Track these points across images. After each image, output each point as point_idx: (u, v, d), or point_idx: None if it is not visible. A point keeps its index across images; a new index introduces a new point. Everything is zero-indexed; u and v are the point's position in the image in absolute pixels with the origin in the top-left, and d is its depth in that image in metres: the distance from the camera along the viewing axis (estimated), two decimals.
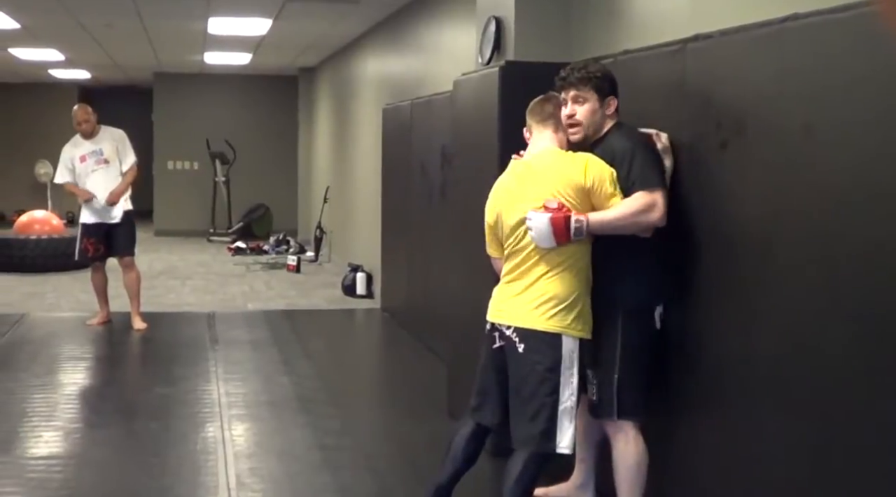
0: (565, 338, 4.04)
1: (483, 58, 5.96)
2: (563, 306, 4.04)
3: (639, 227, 4.00)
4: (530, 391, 4.06)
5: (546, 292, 4.05)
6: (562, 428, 4.05)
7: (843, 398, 3.16)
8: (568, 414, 4.05)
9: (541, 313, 4.05)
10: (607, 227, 4.00)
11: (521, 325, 4.10)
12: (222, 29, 12.31)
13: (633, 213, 3.97)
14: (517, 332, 4.11)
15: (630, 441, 4.18)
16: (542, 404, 4.04)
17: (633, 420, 4.19)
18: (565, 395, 4.04)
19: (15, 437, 5.97)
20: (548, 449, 4.06)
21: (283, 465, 5.44)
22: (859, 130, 3.09)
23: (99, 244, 9.10)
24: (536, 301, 4.06)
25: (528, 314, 4.07)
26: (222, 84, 19.27)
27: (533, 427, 4.06)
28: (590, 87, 4.20)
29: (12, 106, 21.28)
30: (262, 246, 16.12)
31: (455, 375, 6.11)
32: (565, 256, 4.04)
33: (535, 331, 4.05)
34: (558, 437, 4.05)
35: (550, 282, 4.05)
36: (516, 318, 4.12)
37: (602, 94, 4.21)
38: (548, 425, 4.04)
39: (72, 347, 8.69)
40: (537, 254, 4.07)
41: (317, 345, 8.86)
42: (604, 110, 4.22)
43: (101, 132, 9.12)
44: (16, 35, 12.81)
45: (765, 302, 3.56)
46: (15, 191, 20.97)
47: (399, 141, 9.42)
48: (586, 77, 4.21)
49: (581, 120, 4.20)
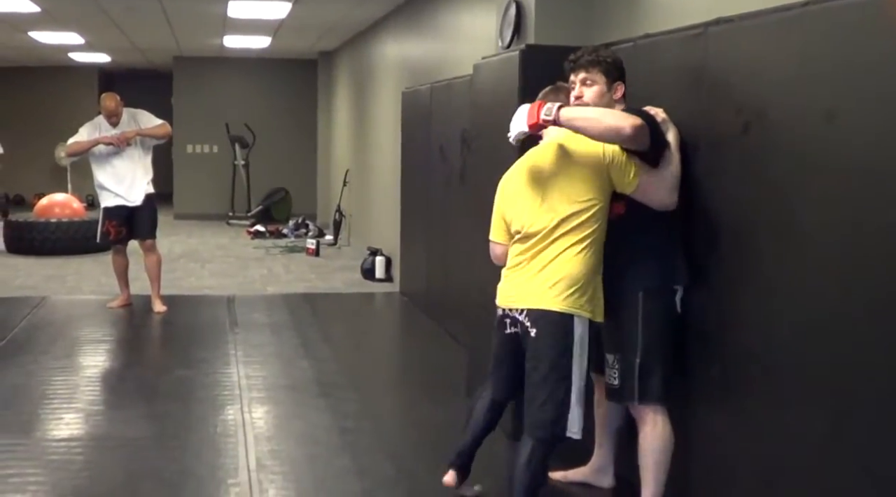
0: (577, 319, 4.07)
1: (503, 41, 5.94)
2: (576, 287, 4.06)
3: (609, 127, 3.94)
4: (543, 376, 4.10)
5: (559, 273, 4.07)
6: (573, 413, 4.08)
7: (864, 384, 3.16)
8: (579, 398, 4.09)
9: (554, 294, 4.07)
10: (578, 117, 4.00)
11: (533, 307, 4.13)
12: (242, 12, 12.31)
13: (610, 112, 4.02)
14: (529, 316, 4.14)
15: (658, 426, 4.18)
16: (553, 389, 4.07)
17: (656, 404, 4.18)
18: (576, 379, 4.08)
19: (36, 419, 6.01)
20: (557, 434, 4.10)
21: (302, 447, 5.47)
22: (881, 115, 3.07)
23: (121, 227, 9.14)
24: (550, 281, 4.08)
25: (541, 295, 4.10)
26: (242, 68, 19.28)
27: (543, 412, 4.09)
28: (599, 70, 4.26)
29: (32, 90, 21.31)
30: (282, 229, 16.18)
31: (474, 358, 6.11)
32: (582, 235, 4.06)
33: (548, 311, 4.09)
34: (570, 422, 4.08)
35: (564, 263, 4.07)
36: (529, 299, 4.15)
37: (611, 78, 4.27)
38: (559, 411, 4.07)
39: (92, 330, 8.74)
40: (553, 234, 4.10)
41: (336, 328, 8.89)
42: (611, 95, 4.27)
43: (124, 116, 9.11)
44: (36, 18, 12.83)
45: (786, 287, 3.55)
46: (35, 174, 21.02)
47: (418, 125, 9.42)
48: (596, 60, 4.27)
49: (588, 102, 4.24)
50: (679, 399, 4.21)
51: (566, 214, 4.07)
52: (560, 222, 4.08)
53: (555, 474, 4.84)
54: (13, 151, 16.31)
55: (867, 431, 3.15)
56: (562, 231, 4.08)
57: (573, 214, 4.07)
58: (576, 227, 4.06)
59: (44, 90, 21.27)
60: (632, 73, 4.55)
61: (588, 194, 4.07)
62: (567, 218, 4.07)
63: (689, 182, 4.14)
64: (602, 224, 4.11)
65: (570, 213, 4.07)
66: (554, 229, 4.09)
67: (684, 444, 4.20)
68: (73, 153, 9.29)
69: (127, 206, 9.08)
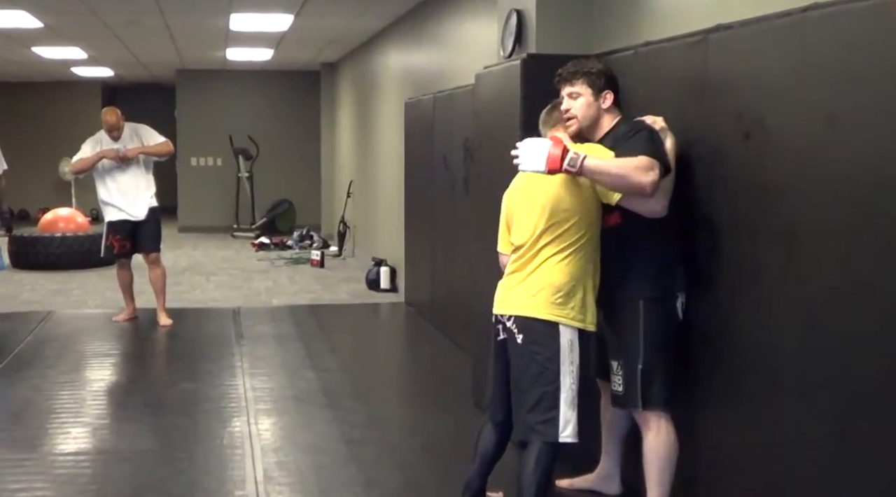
0: (563, 327, 4.13)
1: (505, 51, 5.96)
2: (559, 295, 4.12)
3: (632, 184, 3.94)
4: (530, 381, 4.15)
5: (542, 281, 4.16)
6: (564, 417, 4.11)
7: (868, 388, 3.16)
8: (570, 403, 4.12)
9: (538, 301, 4.15)
10: (602, 172, 3.97)
11: (519, 314, 4.21)
12: (244, 25, 12.34)
13: (632, 167, 3.94)
14: (516, 322, 4.22)
15: (661, 432, 4.19)
16: (542, 394, 4.12)
17: (659, 410, 4.19)
18: (566, 384, 4.12)
19: (43, 434, 6.02)
20: (550, 438, 4.12)
21: (309, 458, 5.47)
22: (881, 121, 3.08)
23: (125, 241, 9.15)
24: (534, 289, 4.17)
25: (525, 302, 4.18)
26: (244, 80, 19.32)
27: (533, 416, 4.14)
28: (584, 82, 4.34)
29: (36, 104, 21.36)
30: (286, 241, 16.19)
31: (480, 368, 6.10)
32: (564, 245, 4.13)
33: (532, 319, 4.16)
34: (561, 426, 4.11)
35: (547, 271, 4.16)
36: (515, 307, 4.23)
37: (596, 88, 4.34)
38: (550, 415, 4.11)
39: (98, 344, 8.75)
40: (537, 244, 4.18)
41: (342, 339, 8.90)
42: (599, 104, 4.33)
43: (126, 130, 9.14)
44: (39, 34, 12.87)
45: (788, 292, 3.55)
46: (39, 189, 21.09)
47: (421, 135, 9.43)
48: (580, 72, 4.36)
49: (575, 114, 4.33)
50: (683, 405, 4.22)
51: (546, 226, 4.16)
52: (541, 233, 4.17)
53: (561, 482, 4.84)
54: (17, 166, 16.35)
55: (871, 437, 3.15)
56: (544, 241, 4.17)
57: (553, 225, 4.15)
58: (557, 237, 4.14)
59: (47, 105, 21.33)
60: (633, 81, 4.58)
61: (566, 205, 4.14)
62: (547, 229, 4.16)
63: (690, 189, 4.15)
64: (589, 234, 4.17)
65: (549, 225, 4.15)
66: (537, 240, 4.19)
67: (690, 449, 4.20)
68: (79, 171, 9.32)
69: (130, 220, 9.09)
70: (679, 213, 4.17)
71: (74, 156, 9.25)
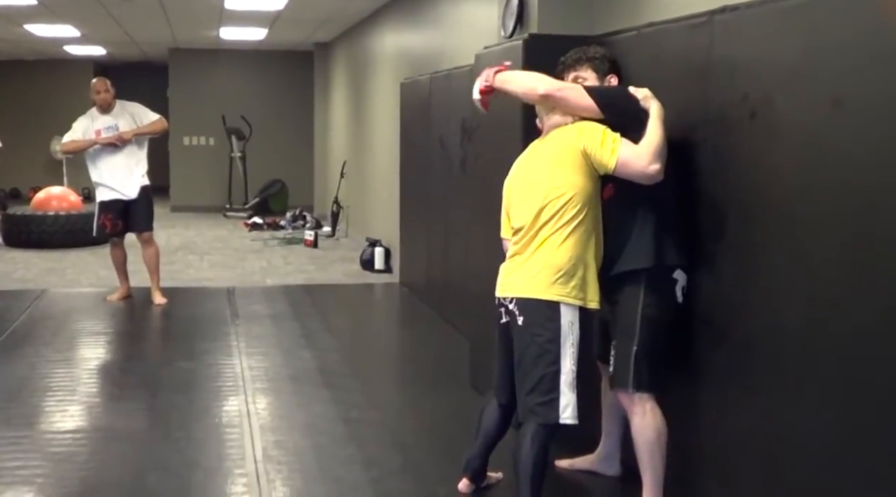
0: (563, 307, 4.12)
1: (506, 31, 5.94)
2: (560, 274, 4.11)
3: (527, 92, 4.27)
4: (531, 362, 4.15)
5: (542, 261, 4.15)
6: (564, 398, 4.11)
7: (871, 369, 3.17)
8: (569, 384, 4.12)
9: (539, 282, 4.14)
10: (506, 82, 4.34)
11: (520, 295, 4.20)
12: (238, 4, 12.29)
13: (532, 77, 4.28)
14: (517, 304, 4.21)
15: (647, 414, 4.20)
16: (542, 375, 4.12)
17: (650, 393, 4.20)
18: (566, 365, 4.11)
19: (39, 412, 6.02)
20: (551, 419, 4.12)
21: (307, 438, 5.47)
22: (888, 103, 3.08)
23: (117, 220, 9.14)
24: (534, 270, 4.16)
25: (526, 283, 4.18)
26: (238, 60, 19.26)
27: (533, 398, 4.14)
28: (588, 66, 4.44)
29: (28, 83, 21.31)
30: (279, 221, 16.17)
31: (477, 349, 6.12)
32: (562, 223, 4.12)
33: (533, 300, 4.15)
34: (561, 408, 4.11)
35: (546, 252, 4.15)
36: (517, 288, 4.22)
37: (601, 72, 4.43)
38: (550, 396, 4.11)
39: (93, 323, 8.73)
40: (535, 225, 4.17)
41: (337, 319, 8.89)
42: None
43: (116, 107, 9.12)
44: (32, 11, 12.81)
45: (791, 273, 3.56)
46: (30, 167, 21.05)
47: (417, 115, 9.41)
48: (584, 58, 4.45)
49: None
50: (683, 388, 4.23)
51: (542, 205, 4.15)
52: (539, 213, 4.16)
53: (561, 462, 4.86)
54: (8, 145, 16.29)
55: (875, 420, 3.15)
56: (542, 221, 4.16)
57: (548, 204, 4.14)
58: (554, 215, 4.13)
59: (39, 83, 21.28)
60: (636, 62, 4.57)
61: (559, 182, 4.14)
62: (544, 208, 4.15)
63: (695, 169, 4.15)
64: (589, 210, 4.15)
65: (545, 204, 4.15)
66: (535, 220, 4.18)
67: (692, 429, 4.21)
68: (70, 151, 9.30)
69: (122, 199, 9.08)
70: (676, 182, 4.17)
71: (66, 135, 9.21)
